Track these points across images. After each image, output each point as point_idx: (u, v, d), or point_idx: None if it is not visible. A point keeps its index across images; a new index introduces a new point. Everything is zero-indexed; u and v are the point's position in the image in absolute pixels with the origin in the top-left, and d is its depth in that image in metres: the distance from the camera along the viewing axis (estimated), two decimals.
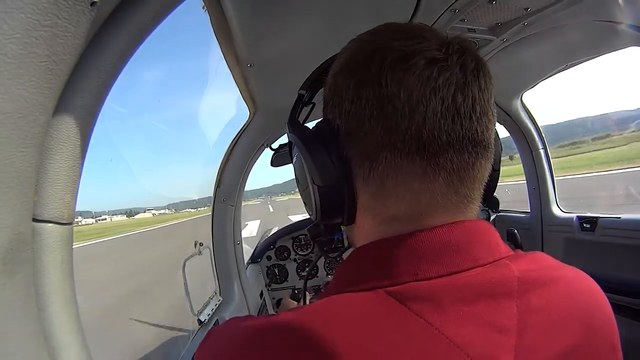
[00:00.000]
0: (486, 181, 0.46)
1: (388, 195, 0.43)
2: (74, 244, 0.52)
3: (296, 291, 2.38)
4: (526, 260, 0.43)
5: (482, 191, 0.46)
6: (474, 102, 0.40)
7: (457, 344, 0.35)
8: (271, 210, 33.81)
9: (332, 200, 0.46)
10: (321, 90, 0.52)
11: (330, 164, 0.45)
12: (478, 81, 0.41)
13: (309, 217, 0.52)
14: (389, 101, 0.40)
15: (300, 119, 0.59)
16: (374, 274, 0.41)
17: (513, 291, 0.39)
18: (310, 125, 0.51)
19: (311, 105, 0.62)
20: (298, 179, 0.53)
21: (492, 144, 0.45)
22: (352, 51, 0.46)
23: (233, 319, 0.47)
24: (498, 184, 0.55)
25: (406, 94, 0.39)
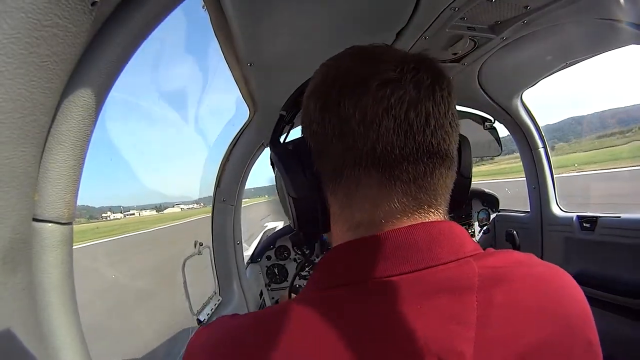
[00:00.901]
0: (451, 188, 0.50)
1: (352, 205, 0.47)
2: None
3: (297, 285, 2.40)
4: (493, 258, 0.45)
5: (449, 197, 0.49)
6: (427, 116, 0.43)
7: (414, 334, 0.38)
8: None
9: (306, 211, 0.52)
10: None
11: (303, 180, 0.51)
12: (433, 96, 0.44)
13: None
14: (346, 122, 0.44)
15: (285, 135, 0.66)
16: (341, 274, 0.45)
17: (473, 286, 0.41)
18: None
19: (291, 125, 0.69)
20: (277, 191, 0.59)
21: (453, 153, 0.48)
22: (319, 76, 0.50)
23: (220, 318, 0.50)
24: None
25: (361, 114, 0.43)
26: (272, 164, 0.59)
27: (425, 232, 0.44)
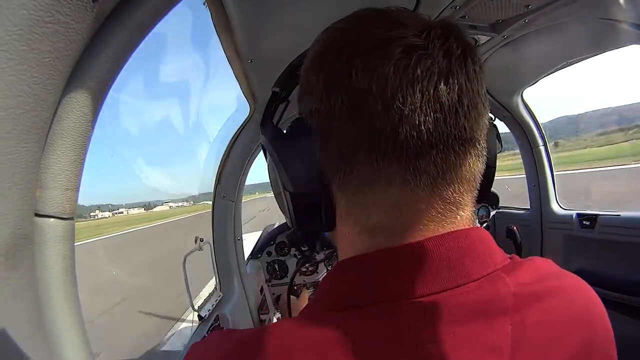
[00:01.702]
0: (480, 181, 0.42)
1: (367, 204, 0.39)
2: None
3: (295, 287, 2.40)
4: (523, 270, 0.40)
5: (476, 193, 0.42)
6: (460, 93, 0.36)
7: None
8: None
9: (305, 207, 0.43)
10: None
11: (302, 169, 0.41)
12: (465, 69, 0.37)
13: None
14: (360, 97, 0.36)
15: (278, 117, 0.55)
16: (359, 292, 0.38)
17: (508, 309, 0.36)
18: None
19: (286, 103, 0.57)
20: (271, 183, 0.50)
21: (484, 140, 0.40)
22: (322, 42, 0.42)
23: (214, 334, 0.45)
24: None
25: (379, 88, 0.35)
26: (263, 151, 0.51)
27: (456, 243, 0.38)
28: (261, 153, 1.78)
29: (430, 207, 0.38)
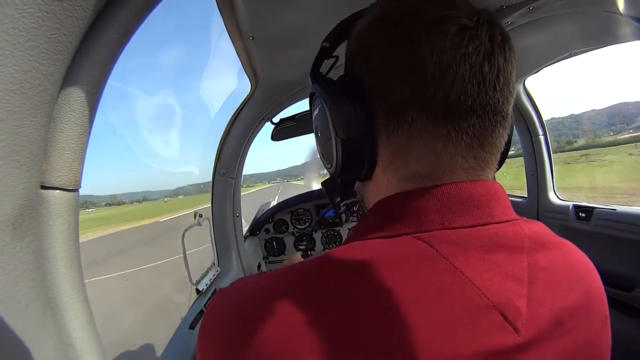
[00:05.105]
0: (502, 150, 0.48)
1: (410, 153, 0.45)
2: None
3: (310, 253, 2.44)
4: (533, 225, 0.46)
5: (498, 159, 0.48)
6: (498, 72, 0.42)
7: (478, 287, 0.37)
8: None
9: (353, 153, 0.48)
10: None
11: (355, 117, 0.46)
12: (504, 53, 0.42)
13: (307, 191, 0.53)
14: (420, 62, 0.41)
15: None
16: (400, 222, 0.43)
17: (524, 247, 0.42)
18: None
19: (334, 59, 0.62)
20: (319, 131, 0.54)
21: (511, 116, 0.46)
22: (384, 8, 0.46)
23: (243, 279, 0.47)
24: None
25: (438, 56, 0.40)
26: (310, 101, 0.56)
27: (484, 190, 0.44)
28: (275, 143, 1.77)
29: (465, 162, 0.44)
